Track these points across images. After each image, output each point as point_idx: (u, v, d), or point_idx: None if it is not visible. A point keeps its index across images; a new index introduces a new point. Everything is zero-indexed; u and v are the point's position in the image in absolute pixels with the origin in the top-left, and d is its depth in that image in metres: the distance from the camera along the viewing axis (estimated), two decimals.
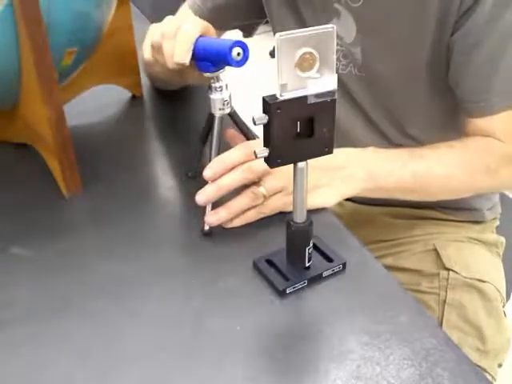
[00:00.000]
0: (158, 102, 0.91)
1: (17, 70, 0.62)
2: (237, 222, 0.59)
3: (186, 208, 0.65)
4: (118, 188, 0.69)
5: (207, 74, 0.60)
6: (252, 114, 0.46)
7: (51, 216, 0.64)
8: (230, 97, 0.62)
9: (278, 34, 0.42)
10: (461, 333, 0.73)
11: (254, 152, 0.47)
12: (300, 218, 0.52)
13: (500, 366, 0.77)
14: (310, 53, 0.44)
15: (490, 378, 0.73)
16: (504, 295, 0.82)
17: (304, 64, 0.44)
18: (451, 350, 0.47)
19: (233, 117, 0.64)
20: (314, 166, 0.56)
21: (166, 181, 0.72)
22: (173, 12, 0.81)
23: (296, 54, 0.43)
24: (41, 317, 0.51)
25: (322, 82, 0.45)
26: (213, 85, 0.60)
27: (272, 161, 0.48)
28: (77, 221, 0.65)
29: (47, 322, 0.51)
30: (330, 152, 0.49)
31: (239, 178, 0.57)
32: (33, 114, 0.65)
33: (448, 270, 0.79)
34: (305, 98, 0.45)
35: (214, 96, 0.61)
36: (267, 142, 0.47)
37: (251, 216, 0.59)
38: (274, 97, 0.45)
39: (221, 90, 0.61)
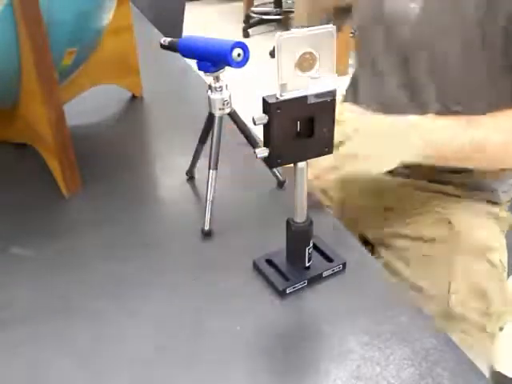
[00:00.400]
0: (158, 102, 0.91)
1: (17, 69, 0.62)
2: None
3: (186, 208, 0.66)
4: (118, 188, 0.69)
5: (207, 74, 0.60)
6: (252, 113, 0.46)
7: (51, 216, 0.64)
8: (229, 97, 0.62)
9: (277, 34, 0.42)
10: (467, 296, 0.75)
11: (254, 152, 0.48)
12: (300, 217, 0.52)
13: (501, 329, 0.79)
14: (310, 53, 0.44)
15: (492, 339, 0.75)
16: (506, 268, 0.84)
17: (304, 64, 0.44)
18: (451, 350, 0.47)
19: (233, 117, 0.64)
20: (367, 133, 0.58)
21: (166, 181, 0.72)
22: (172, 11, 0.81)
23: (296, 54, 0.43)
24: (41, 317, 0.51)
25: (322, 82, 0.45)
26: (213, 85, 0.61)
27: (272, 161, 0.48)
28: (77, 221, 0.65)
29: (47, 322, 0.51)
30: (330, 152, 0.49)
31: None
32: (33, 114, 0.65)
33: (458, 235, 0.81)
34: (305, 98, 0.45)
35: (214, 96, 0.61)
36: (267, 142, 0.47)
37: None
38: (273, 97, 0.45)
39: (221, 90, 0.61)
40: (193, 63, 0.98)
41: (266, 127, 0.46)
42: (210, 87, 0.61)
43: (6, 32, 0.58)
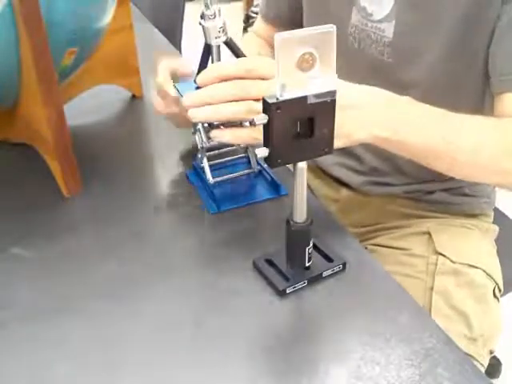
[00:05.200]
0: None
1: (17, 69, 0.62)
2: (227, 136, 0.56)
3: (187, 208, 0.65)
4: (118, 188, 0.69)
5: None
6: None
7: (51, 216, 0.64)
8: (224, 24, 0.57)
9: (277, 34, 0.42)
10: (447, 320, 0.73)
11: (255, 152, 0.48)
12: (300, 217, 0.52)
13: (491, 353, 0.76)
14: (310, 53, 0.44)
15: (479, 365, 0.72)
16: (500, 281, 0.81)
17: (304, 64, 0.44)
18: (451, 350, 0.47)
19: (230, 45, 0.59)
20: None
21: (166, 181, 0.72)
22: (172, 11, 0.81)
23: (296, 54, 0.43)
24: (41, 317, 0.52)
25: (322, 82, 0.45)
26: (204, 12, 0.56)
27: (272, 161, 0.48)
28: (77, 221, 0.65)
29: (47, 322, 0.51)
30: (330, 152, 0.49)
31: (239, 111, 0.54)
32: (33, 113, 0.64)
33: (438, 254, 0.78)
34: (305, 98, 0.45)
35: (208, 24, 0.56)
36: (267, 142, 0.47)
37: (243, 135, 0.55)
38: (273, 97, 0.45)
39: (213, 18, 0.56)
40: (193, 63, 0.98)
41: (266, 127, 0.46)
42: (202, 16, 0.56)
43: (6, 32, 0.58)
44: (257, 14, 1.03)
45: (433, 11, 0.71)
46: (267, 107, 0.45)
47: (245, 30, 4.01)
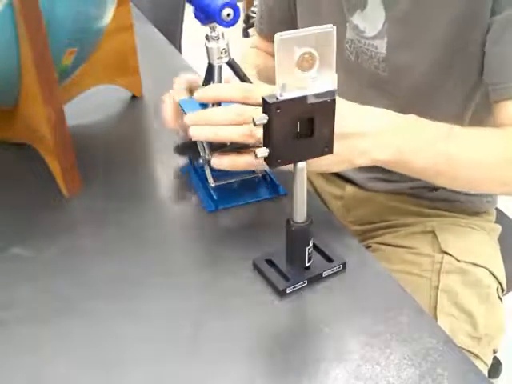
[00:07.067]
0: (157, 102, 0.91)
1: (17, 69, 0.62)
2: (226, 165, 0.57)
3: (186, 208, 0.65)
4: (117, 188, 0.69)
5: (203, 25, 0.59)
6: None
7: (51, 216, 0.64)
8: (227, 45, 0.60)
9: (277, 34, 0.42)
10: (453, 319, 0.73)
11: (254, 152, 0.47)
12: (300, 217, 0.52)
13: (495, 352, 0.76)
14: (310, 53, 0.44)
15: (483, 364, 0.72)
16: (503, 280, 0.81)
17: (304, 64, 0.44)
18: (451, 350, 0.47)
19: (232, 66, 0.62)
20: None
21: (166, 181, 0.72)
22: (172, 11, 0.81)
23: (296, 54, 0.43)
24: (41, 317, 0.52)
25: (322, 81, 0.45)
26: (209, 34, 0.59)
27: (272, 161, 0.48)
28: (77, 221, 0.65)
29: (47, 322, 0.51)
30: (330, 152, 0.49)
31: (237, 135, 0.55)
32: (33, 114, 0.64)
33: (443, 253, 0.78)
34: (305, 97, 0.45)
35: (211, 45, 0.59)
36: (267, 142, 0.47)
37: (241, 162, 0.57)
38: (273, 97, 0.45)
39: (217, 39, 0.59)
40: (193, 63, 0.98)
41: (266, 127, 0.46)
42: (206, 37, 0.60)
43: (6, 32, 0.58)
44: None
45: (423, 25, 0.71)
46: (267, 107, 0.45)
47: (245, 30, 4.01)
